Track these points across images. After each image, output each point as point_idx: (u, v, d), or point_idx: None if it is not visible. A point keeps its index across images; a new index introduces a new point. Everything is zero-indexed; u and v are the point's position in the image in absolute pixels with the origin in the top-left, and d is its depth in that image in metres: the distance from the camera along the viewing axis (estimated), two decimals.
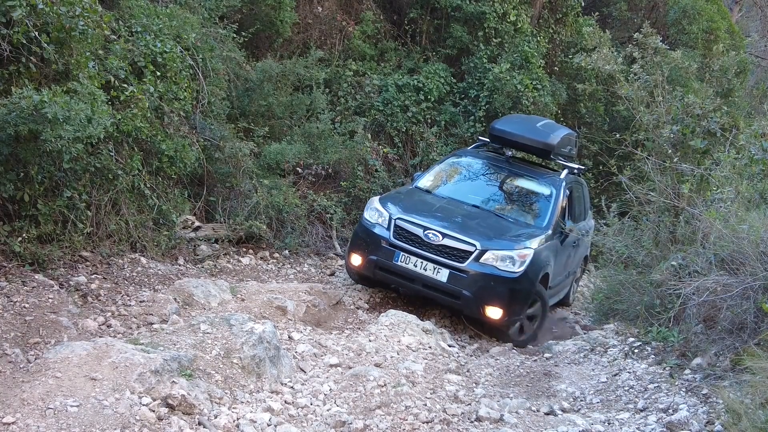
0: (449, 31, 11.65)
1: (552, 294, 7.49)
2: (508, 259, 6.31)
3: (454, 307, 6.55)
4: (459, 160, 8.11)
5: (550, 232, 6.98)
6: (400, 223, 6.53)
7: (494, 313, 6.30)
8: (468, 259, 6.28)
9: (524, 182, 7.72)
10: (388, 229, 6.56)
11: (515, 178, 7.80)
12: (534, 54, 11.57)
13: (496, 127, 8.22)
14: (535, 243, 6.61)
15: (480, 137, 8.88)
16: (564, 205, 7.55)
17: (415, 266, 6.34)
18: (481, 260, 6.29)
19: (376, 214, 6.73)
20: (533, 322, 6.76)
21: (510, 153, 8.11)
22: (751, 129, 6.71)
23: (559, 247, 7.23)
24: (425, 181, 7.69)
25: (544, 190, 7.58)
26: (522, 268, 6.34)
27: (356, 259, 6.70)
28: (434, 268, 6.31)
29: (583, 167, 8.87)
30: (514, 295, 6.37)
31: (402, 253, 6.41)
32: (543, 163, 9.00)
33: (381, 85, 10.73)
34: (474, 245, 6.29)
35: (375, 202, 6.92)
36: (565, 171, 8.03)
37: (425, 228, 6.42)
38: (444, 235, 6.36)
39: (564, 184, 7.65)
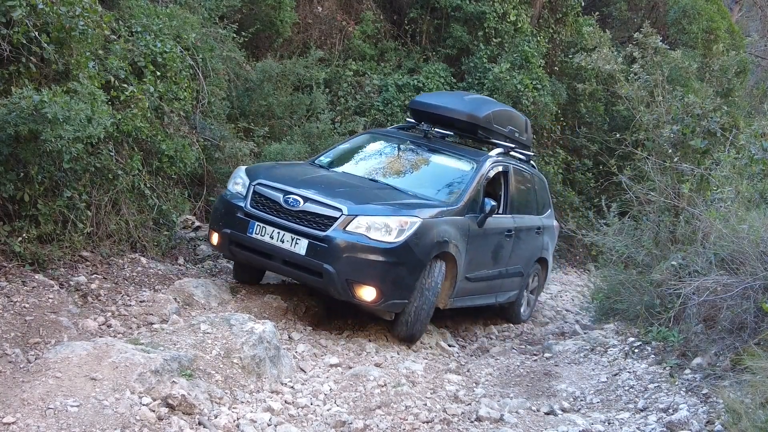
0: (449, 31, 11.66)
1: (478, 291, 6.51)
2: (383, 228, 5.25)
3: (318, 287, 5.51)
4: (370, 137, 7.17)
5: (458, 207, 5.90)
6: (258, 189, 5.56)
7: (367, 293, 5.25)
8: (332, 226, 5.23)
9: (441, 158, 6.69)
10: (245, 197, 5.59)
11: (432, 154, 6.76)
12: (534, 54, 11.58)
13: (416, 100, 7.31)
14: (426, 213, 5.53)
15: (407, 119, 7.73)
16: (489, 188, 6.60)
17: (272, 238, 5.33)
18: (348, 228, 5.23)
19: (239, 182, 5.76)
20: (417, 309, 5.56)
21: (427, 127, 6.97)
22: (751, 129, 6.71)
23: (475, 230, 6.06)
24: (323, 157, 6.74)
25: (463, 166, 6.49)
26: (401, 238, 5.24)
27: (214, 237, 5.73)
28: (292, 239, 5.28)
29: (531, 154, 7.76)
30: (391, 271, 5.26)
31: (257, 223, 5.41)
32: (474, 145, 7.67)
33: (381, 85, 10.74)
34: (339, 209, 5.27)
35: (240, 170, 5.93)
36: (497, 150, 6.94)
37: (286, 193, 5.43)
38: (306, 200, 5.35)
39: (490, 161, 6.56)
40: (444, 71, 11.19)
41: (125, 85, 5.89)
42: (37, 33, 4.74)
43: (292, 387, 4.46)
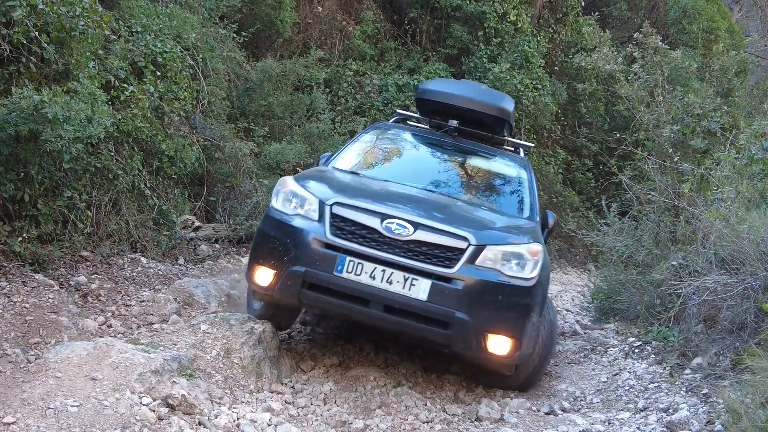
0: (449, 31, 11.66)
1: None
2: (516, 259, 4.25)
3: (435, 342, 4.27)
4: (382, 134, 5.97)
5: (535, 223, 5.03)
6: (340, 210, 4.25)
7: (501, 346, 4.20)
8: (459, 260, 4.12)
9: (481, 161, 5.76)
10: (321, 220, 4.24)
11: (467, 155, 5.80)
12: (534, 54, 11.59)
13: (429, 89, 6.18)
14: (537, 236, 4.68)
15: (398, 110, 6.88)
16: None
17: (373, 278, 4.06)
18: (478, 262, 4.16)
19: (295, 200, 4.43)
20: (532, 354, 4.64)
21: (455, 123, 5.92)
22: (752, 128, 6.71)
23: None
24: (343, 160, 5.44)
25: (510, 171, 5.64)
26: (535, 273, 4.28)
27: (264, 276, 4.32)
28: (405, 280, 4.06)
29: (531, 144, 6.96)
30: (529, 315, 4.29)
31: (349, 257, 4.10)
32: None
33: (381, 85, 10.74)
34: (465, 239, 4.16)
35: (289, 182, 4.57)
36: (522, 151, 6.23)
37: (384, 216, 4.19)
38: (417, 226, 4.15)
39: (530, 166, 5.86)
40: (444, 71, 11.20)
41: (125, 85, 5.89)
42: (37, 33, 4.74)
43: (292, 387, 4.46)
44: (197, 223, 7.11)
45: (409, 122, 6.48)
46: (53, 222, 5.16)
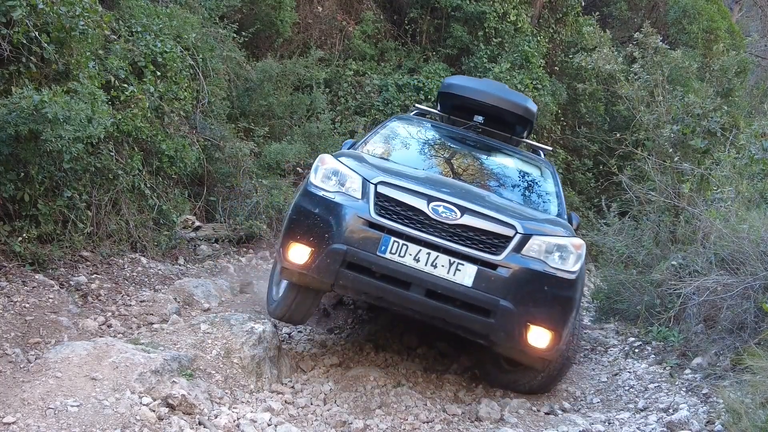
0: (449, 31, 11.66)
1: None
2: (561, 252, 4.19)
3: (473, 331, 4.14)
4: (406, 125, 5.89)
5: (567, 224, 4.93)
6: (385, 190, 4.14)
7: (540, 339, 4.10)
8: (506, 248, 4.06)
9: (507, 159, 5.72)
10: (365, 199, 4.13)
11: (493, 152, 5.77)
12: (534, 54, 11.59)
13: (456, 83, 6.16)
14: (573, 233, 4.63)
15: (417, 105, 7.08)
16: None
17: (417, 260, 3.97)
18: (524, 251, 4.11)
19: (335, 177, 4.30)
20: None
21: (481, 119, 5.96)
22: (752, 128, 6.71)
23: None
24: (371, 146, 5.35)
25: (536, 170, 5.66)
26: (578, 267, 4.23)
27: (300, 253, 4.16)
28: (450, 264, 3.97)
29: (548, 147, 6.88)
30: (571, 309, 4.24)
31: (393, 238, 3.99)
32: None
33: (381, 85, 10.74)
34: (512, 226, 4.11)
35: (329, 160, 4.44)
36: (542, 153, 6.26)
37: (431, 198, 4.12)
38: (464, 211, 4.09)
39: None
40: (444, 71, 11.19)
41: (125, 85, 5.89)
42: (37, 33, 4.74)
43: (292, 387, 4.46)
44: (197, 223, 7.11)
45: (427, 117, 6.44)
46: (53, 222, 5.16)
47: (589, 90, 12.10)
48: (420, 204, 4.09)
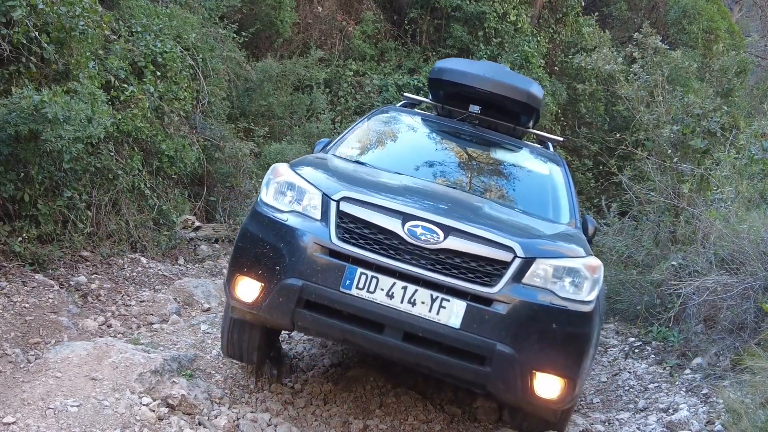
0: (449, 31, 11.67)
1: None
2: (571, 277, 3.39)
3: (466, 381, 3.40)
4: (390, 119, 5.09)
5: (581, 233, 4.12)
6: (350, 208, 3.34)
7: (550, 387, 3.29)
8: (502, 277, 3.25)
9: (509, 155, 4.92)
10: (324, 220, 3.34)
11: (492, 147, 4.96)
12: (534, 54, 11.60)
13: (448, 68, 5.28)
14: (588, 248, 3.78)
15: (405, 94, 6.06)
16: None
17: (390, 296, 3.18)
18: (525, 279, 3.29)
19: (291, 192, 3.52)
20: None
21: (478, 109, 5.17)
22: (751, 129, 6.72)
23: None
24: (345, 147, 4.51)
25: (543, 168, 4.86)
26: (594, 295, 3.44)
27: (248, 289, 3.40)
28: (433, 300, 3.19)
29: (560, 138, 6.07)
30: (587, 348, 3.38)
31: (360, 269, 3.21)
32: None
33: (381, 85, 10.75)
34: (510, 249, 3.29)
35: (283, 170, 3.63)
36: (550, 146, 5.52)
37: (407, 217, 3.30)
38: (448, 231, 3.27)
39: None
40: None
41: (125, 85, 5.89)
42: (37, 33, 4.74)
43: (291, 387, 4.46)
44: (197, 223, 7.11)
45: (417, 108, 5.60)
46: (53, 222, 5.16)
47: (589, 90, 12.10)
48: (393, 225, 3.28)
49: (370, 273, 3.20)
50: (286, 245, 3.32)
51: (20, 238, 4.88)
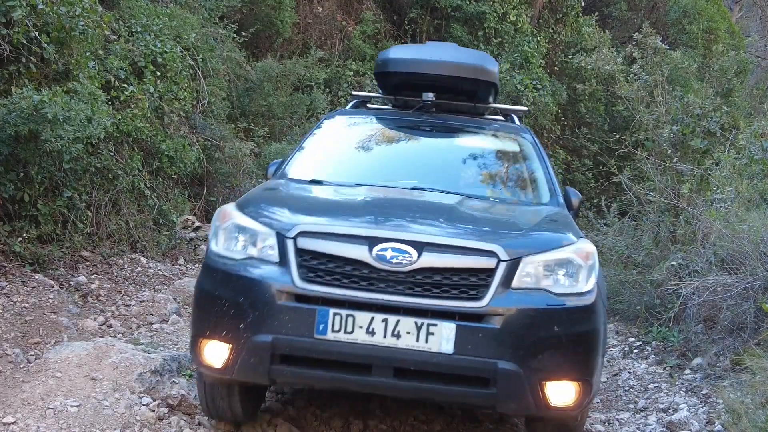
0: (449, 31, 11.67)
1: None
2: (564, 268, 3.09)
3: (475, 405, 3.37)
4: (342, 124, 4.67)
5: (565, 210, 3.87)
6: (308, 243, 2.98)
7: (564, 394, 3.00)
8: (489, 287, 2.92)
9: (473, 139, 4.62)
10: (284, 262, 2.98)
11: (454, 134, 4.68)
12: (534, 54, 11.60)
13: (392, 58, 4.89)
14: (576, 230, 3.46)
15: (354, 92, 5.71)
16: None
17: (372, 332, 2.86)
18: (515, 283, 2.97)
19: (242, 236, 3.14)
20: None
21: (432, 96, 4.79)
22: (751, 129, 6.71)
23: None
24: (299, 167, 4.12)
25: (512, 145, 4.51)
26: (592, 283, 3.12)
27: (215, 353, 3.01)
28: (419, 328, 2.86)
29: (524, 108, 5.57)
30: (597, 346, 3.09)
31: (332, 310, 2.87)
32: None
33: None
34: (492, 254, 2.96)
35: (230, 212, 3.24)
36: (516, 118, 5.07)
37: (374, 241, 2.95)
38: (421, 247, 2.94)
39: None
40: None
41: (125, 85, 5.90)
42: (37, 33, 4.75)
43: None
44: (197, 223, 7.11)
45: (369, 105, 5.21)
46: (53, 222, 5.16)
47: (589, 90, 12.11)
48: (359, 253, 2.92)
49: (344, 312, 2.87)
50: (247, 298, 2.98)
51: (20, 238, 4.88)
